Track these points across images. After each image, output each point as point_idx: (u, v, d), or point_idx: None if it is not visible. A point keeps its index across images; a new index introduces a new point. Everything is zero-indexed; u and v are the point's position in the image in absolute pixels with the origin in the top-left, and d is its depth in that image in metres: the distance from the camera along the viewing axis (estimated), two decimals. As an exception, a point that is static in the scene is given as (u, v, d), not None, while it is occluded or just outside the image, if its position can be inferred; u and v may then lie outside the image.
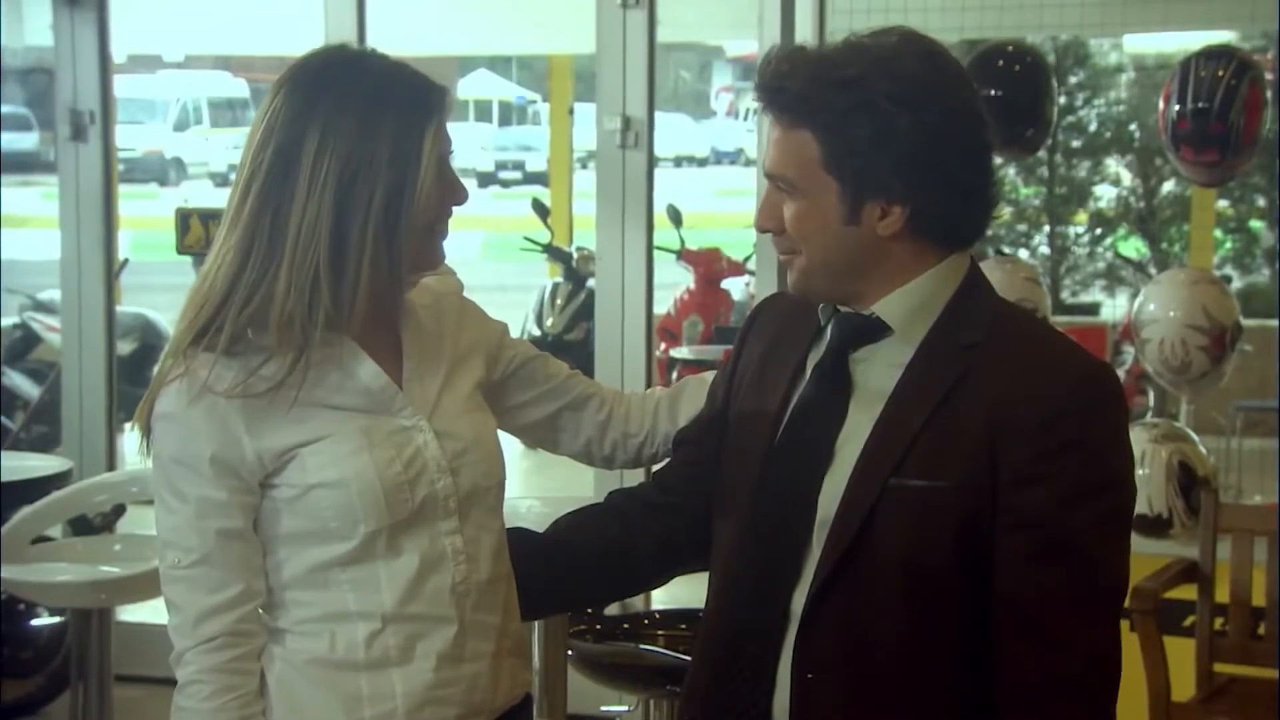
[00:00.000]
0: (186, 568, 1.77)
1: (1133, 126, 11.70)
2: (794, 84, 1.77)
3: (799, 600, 1.79)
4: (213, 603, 1.76)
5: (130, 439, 1.83)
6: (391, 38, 5.49)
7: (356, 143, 1.74)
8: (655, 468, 2.17)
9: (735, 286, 9.06)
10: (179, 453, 1.76)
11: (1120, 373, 7.49)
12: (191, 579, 1.77)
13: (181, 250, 4.88)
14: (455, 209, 1.85)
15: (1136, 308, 4.16)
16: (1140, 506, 3.87)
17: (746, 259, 8.47)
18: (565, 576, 2.04)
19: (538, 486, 6.56)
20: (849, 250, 1.79)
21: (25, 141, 17.74)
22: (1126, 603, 3.68)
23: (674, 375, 8.30)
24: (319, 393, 1.79)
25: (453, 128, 1.83)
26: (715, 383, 2.06)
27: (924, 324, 1.80)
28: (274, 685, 1.80)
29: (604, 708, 3.85)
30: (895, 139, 1.74)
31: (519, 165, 22.09)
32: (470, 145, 21.77)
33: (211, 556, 1.76)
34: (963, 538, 1.73)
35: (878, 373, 1.81)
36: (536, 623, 2.96)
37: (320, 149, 1.73)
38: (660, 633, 3.09)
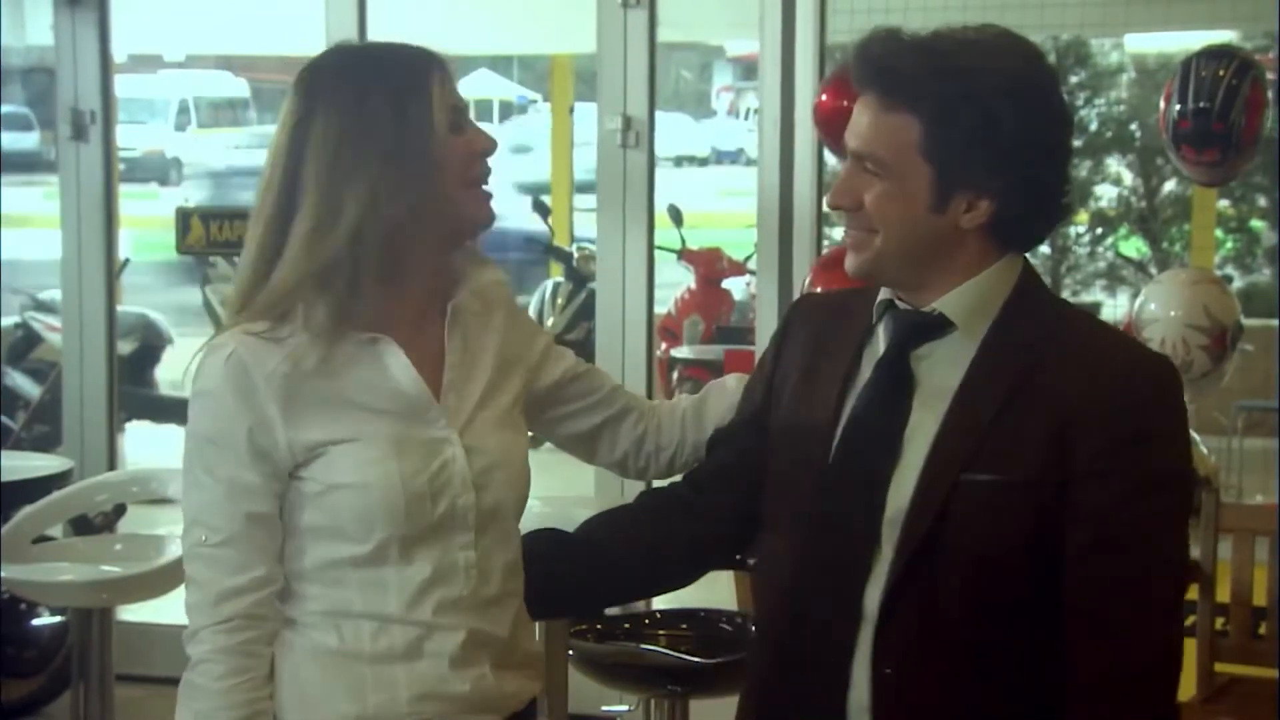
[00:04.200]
0: (212, 546, 1.78)
1: (1134, 126, 11.69)
2: (903, 65, 1.76)
3: (872, 597, 1.79)
4: (234, 584, 1.77)
5: (130, 439, 1.85)
6: (392, 37, 5.48)
7: (357, 107, 1.77)
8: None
9: (736, 286, 9.05)
10: (214, 432, 1.78)
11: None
12: (215, 558, 1.78)
13: (182, 250, 4.88)
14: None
15: (1137, 307, 4.15)
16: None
17: (747, 259, 8.46)
18: (597, 576, 2.04)
19: (540, 486, 6.53)
20: (927, 238, 1.80)
21: (26, 141, 17.73)
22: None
23: (674, 375, 8.29)
24: (356, 392, 1.80)
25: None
26: (751, 385, 2.05)
27: (985, 321, 1.82)
28: (281, 670, 1.81)
29: (605, 708, 3.85)
30: (997, 134, 1.75)
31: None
32: (471, 145, 21.66)
33: (238, 538, 1.78)
34: (1034, 531, 1.75)
35: (941, 370, 1.82)
36: (537, 622, 2.96)
37: (326, 123, 1.77)
38: (661, 632, 3.09)
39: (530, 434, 2.02)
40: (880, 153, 1.78)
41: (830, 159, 4.33)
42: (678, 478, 2.12)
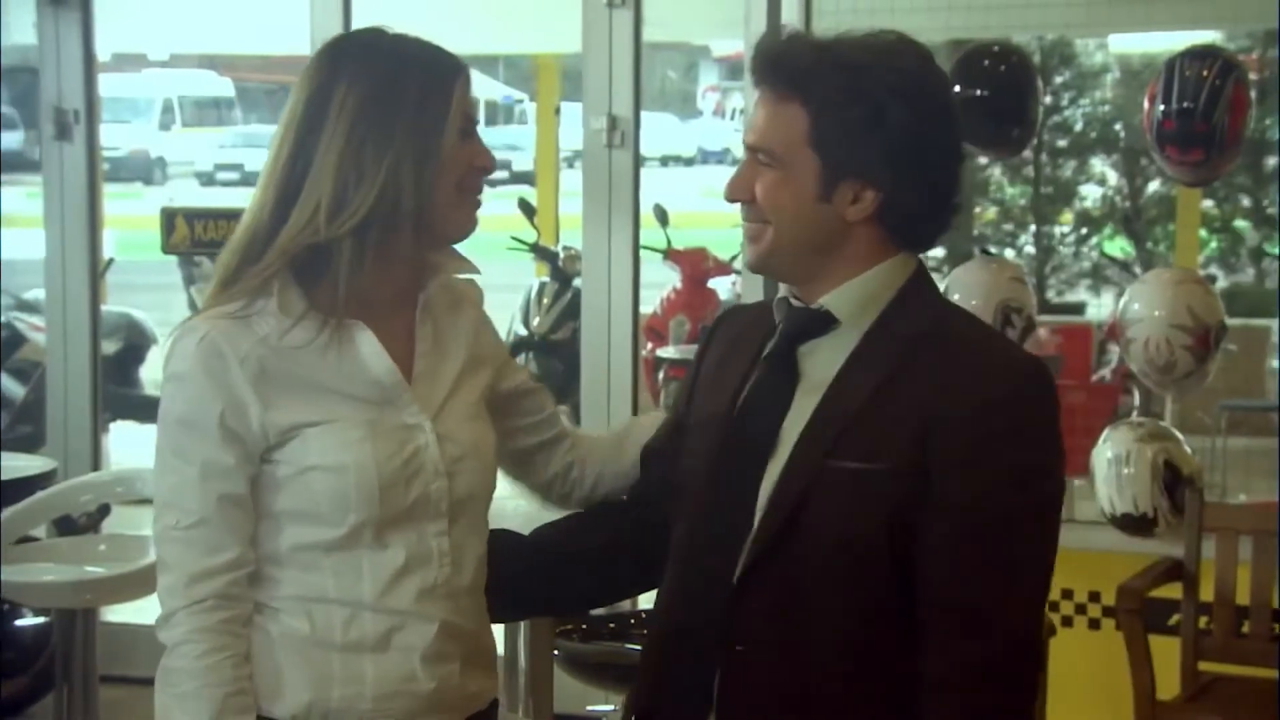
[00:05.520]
0: (185, 529, 1.78)
1: (1118, 126, 11.72)
2: (794, 58, 1.82)
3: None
4: (207, 565, 1.77)
5: (115, 439, 1.85)
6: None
7: (383, 86, 1.78)
8: None
9: (722, 286, 9.06)
10: (187, 415, 1.78)
11: (1106, 372, 7.52)
12: (188, 540, 1.78)
13: (167, 250, 4.87)
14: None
15: (1121, 307, 4.16)
16: (1125, 505, 3.88)
17: (733, 258, 8.47)
18: (549, 580, 2.07)
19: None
20: (814, 229, 1.83)
21: (10, 141, 17.67)
22: (1112, 601, 3.70)
23: (660, 375, 8.29)
24: (329, 375, 1.80)
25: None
26: (677, 394, 2.10)
27: (870, 315, 1.85)
28: (250, 655, 1.81)
29: (590, 707, 3.86)
30: (884, 126, 1.79)
31: (505, 165, 22.07)
32: (456, 145, 21.60)
33: (210, 519, 1.78)
34: (894, 520, 1.77)
35: (823, 362, 1.86)
36: (522, 622, 2.96)
37: (347, 92, 1.78)
38: (646, 632, 3.08)
39: None
40: (771, 144, 1.83)
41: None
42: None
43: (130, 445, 7.52)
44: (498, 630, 3.07)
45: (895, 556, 1.77)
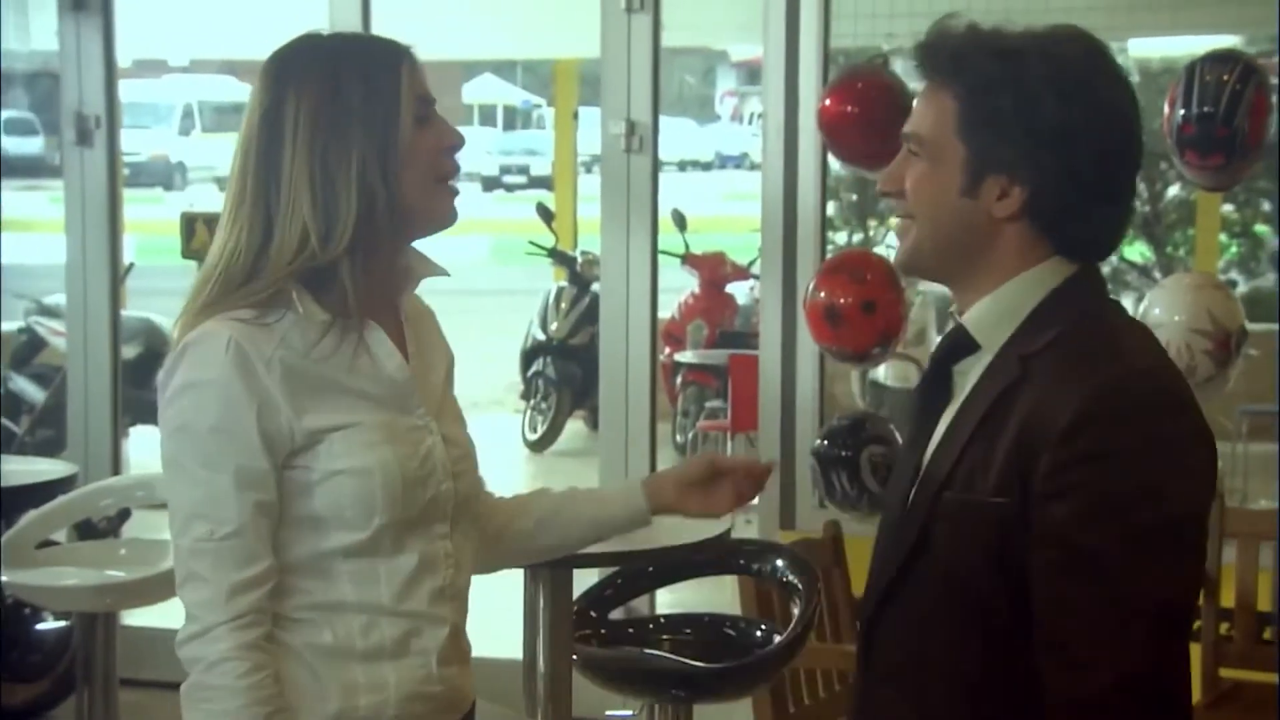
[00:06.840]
0: (219, 540, 1.75)
1: (1137, 130, 11.66)
2: (950, 43, 1.73)
3: None
4: (245, 577, 1.75)
5: (135, 443, 1.84)
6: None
7: (330, 96, 1.77)
8: None
9: (740, 291, 9.06)
10: (220, 421, 1.75)
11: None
12: (223, 551, 1.75)
13: (187, 254, 4.88)
14: (465, 180, 1.87)
15: (1141, 312, 4.14)
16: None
17: (751, 263, 8.47)
18: None
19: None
20: (960, 225, 1.73)
21: (31, 146, 17.75)
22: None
23: (678, 379, 8.30)
24: (348, 377, 1.81)
25: (458, 131, 1.85)
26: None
27: (1005, 331, 1.74)
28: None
29: (609, 712, 3.85)
30: (1035, 118, 1.68)
31: (523, 169, 22.10)
32: (475, 149, 21.78)
33: (246, 529, 1.75)
34: (1000, 553, 1.67)
35: (968, 383, 1.76)
36: (541, 627, 2.96)
37: (298, 106, 1.77)
38: (665, 637, 3.09)
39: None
40: (921, 130, 1.74)
41: (834, 164, 4.33)
42: None
43: (150, 450, 7.53)
44: (515, 635, 3.08)
45: (1006, 590, 1.67)
